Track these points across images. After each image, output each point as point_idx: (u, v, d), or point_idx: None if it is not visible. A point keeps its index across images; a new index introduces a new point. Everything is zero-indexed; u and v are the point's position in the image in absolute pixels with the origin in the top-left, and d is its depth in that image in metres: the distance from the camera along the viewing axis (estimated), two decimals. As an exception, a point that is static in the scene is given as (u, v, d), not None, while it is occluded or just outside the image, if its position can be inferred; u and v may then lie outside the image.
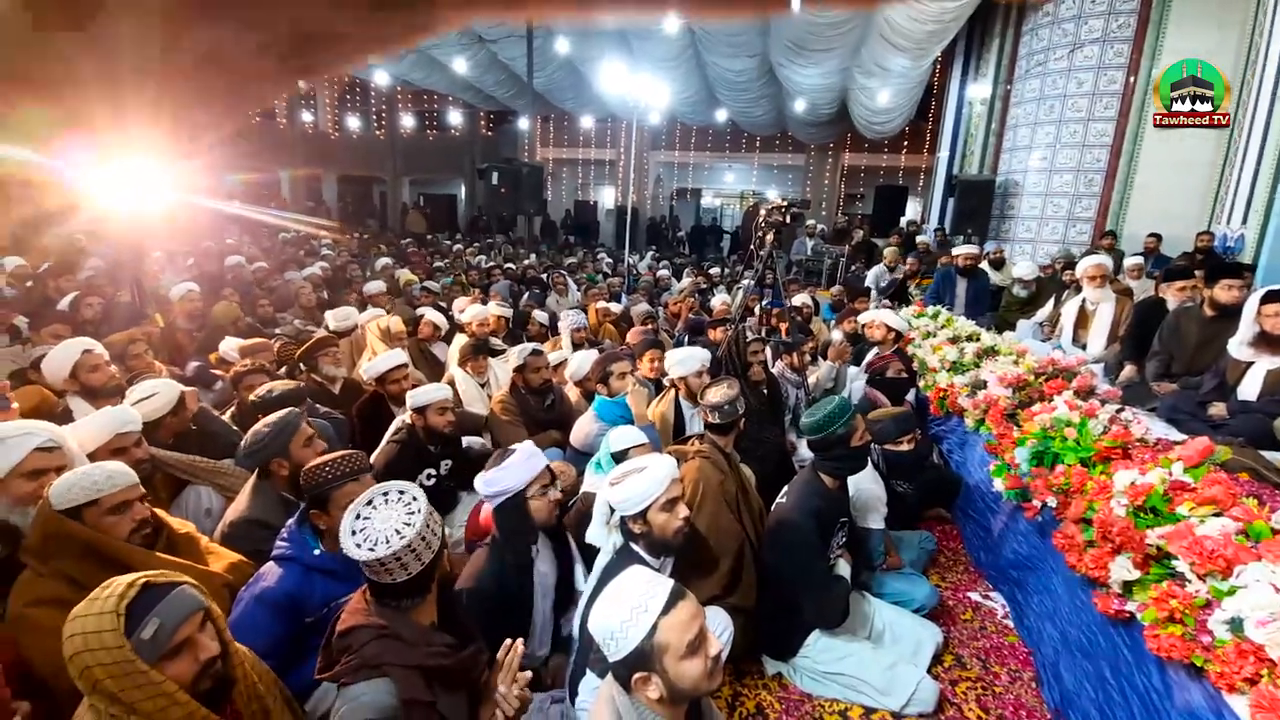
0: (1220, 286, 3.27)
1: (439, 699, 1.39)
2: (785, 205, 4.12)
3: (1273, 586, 1.40)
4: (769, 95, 13.25)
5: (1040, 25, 8.52)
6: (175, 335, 4.35)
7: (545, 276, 8.90)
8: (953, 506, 3.55)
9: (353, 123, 19.85)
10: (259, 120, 17.73)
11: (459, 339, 4.61)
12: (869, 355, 4.55)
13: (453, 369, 4.12)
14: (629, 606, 1.24)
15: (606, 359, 3.26)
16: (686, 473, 2.41)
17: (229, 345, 3.83)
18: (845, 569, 2.36)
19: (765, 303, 4.75)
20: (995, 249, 7.10)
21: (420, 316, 4.98)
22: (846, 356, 4.51)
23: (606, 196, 20.12)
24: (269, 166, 17.86)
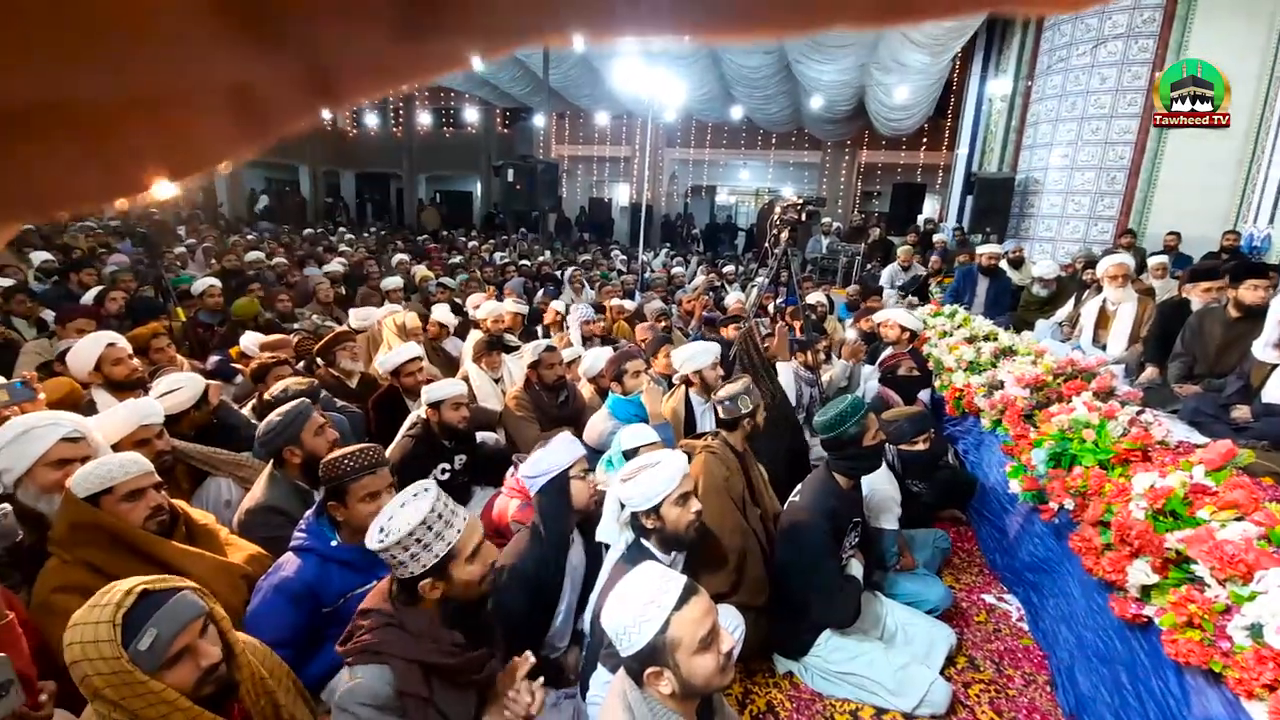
0: (1246, 287, 3.21)
1: (439, 695, 1.40)
2: (801, 203, 4.09)
3: (1295, 593, 1.38)
4: (785, 92, 13.17)
5: (1062, 20, 8.37)
6: (196, 330, 4.42)
7: (560, 273, 8.93)
8: (967, 507, 3.52)
9: (370, 120, 20.00)
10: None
11: (473, 335, 4.64)
12: (882, 354, 4.52)
13: (467, 365, 4.15)
14: (642, 602, 1.24)
15: (620, 357, 3.26)
16: (692, 468, 2.42)
17: (249, 340, 3.89)
18: (858, 569, 2.36)
19: (780, 301, 4.72)
20: (1014, 248, 7.00)
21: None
22: (861, 355, 4.49)
23: (621, 194, 20.10)
24: (288, 162, 18.07)
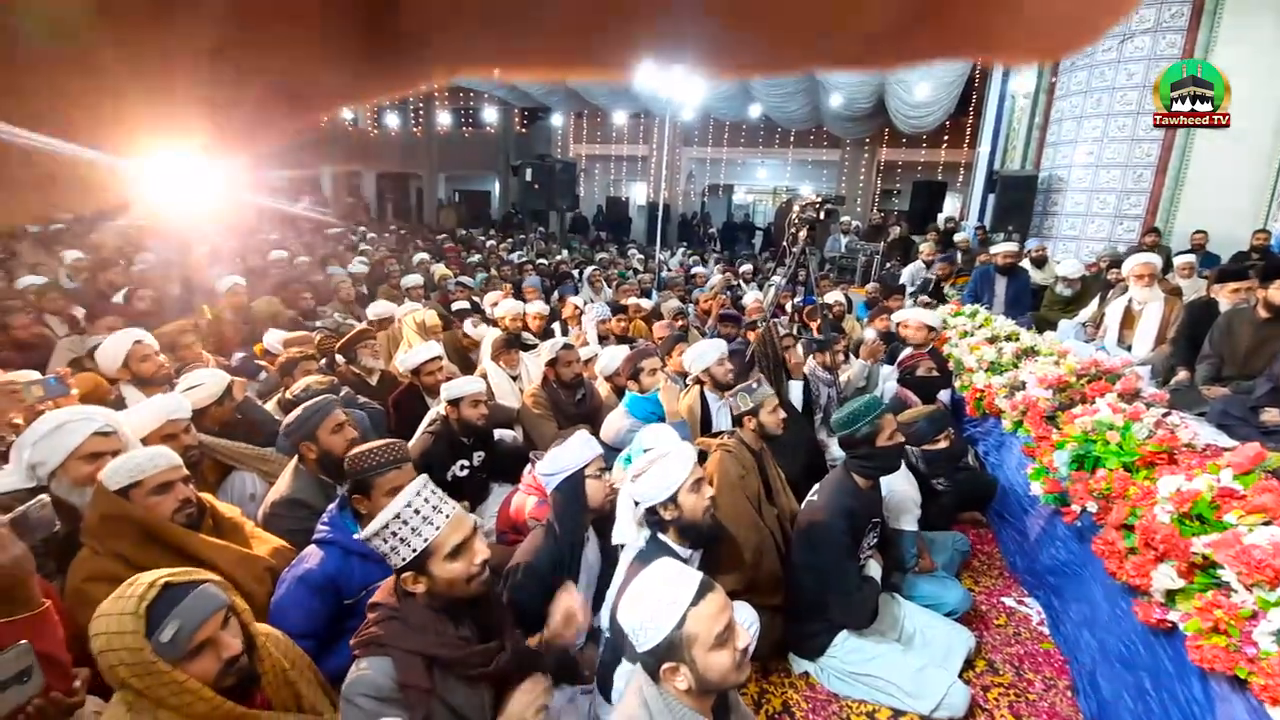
0: (1276, 287, 3.15)
1: (446, 689, 1.41)
2: (819, 201, 4.06)
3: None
4: (804, 90, 13.08)
5: (1089, 16, 8.20)
6: (222, 327, 4.50)
7: (577, 272, 8.96)
8: (987, 509, 3.48)
9: (391, 120, 20.22)
10: (301, 118, 18.17)
11: (491, 333, 4.67)
12: (901, 354, 4.48)
13: (485, 362, 4.18)
14: (658, 598, 1.25)
15: (636, 355, 3.27)
16: (707, 465, 2.43)
17: (273, 337, 3.97)
18: (876, 570, 2.34)
19: (797, 300, 4.70)
20: (1037, 246, 6.89)
21: (456, 312, 5.09)
22: (879, 355, 4.45)
23: (638, 193, 20.10)
24: (310, 162, 18.33)
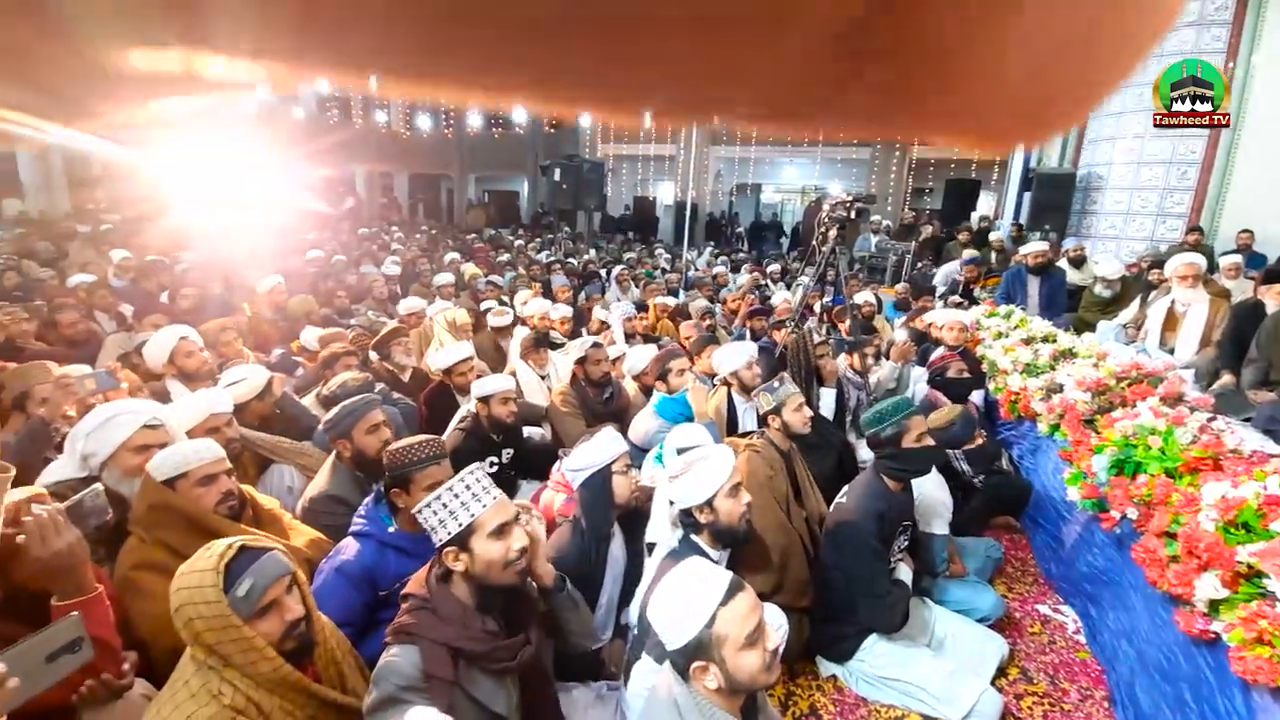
0: (1331, 288, 3.02)
1: (471, 681, 1.44)
2: (850, 200, 4.02)
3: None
4: (834, 87, 12.93)
5: (1132, 8, 7.97)
6: (261, 325, 4.63)
7: (604, 271, 8.99)
8: (1022, 515, 3.41)
9: (423, 122, 20.54)
10: (336, 120, 18.59)
11: (520, 331, 4.73)
12: (932, 355, 4.40)
13: (515, 361, 4.23)
14: (688, 596, 1.26)
15: (664, 356, 3.28)
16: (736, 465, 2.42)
17: (309, 335, 4.07)
18: (906, 574, 2.32)
19: (826, 300, 4.65)
20: (1075, 246, 6.70)
21: (485, 311, 5.18)
22: (910, 356, 4.38)
23: (665, 192, 20.09)
24: (345, 164, 18.73)
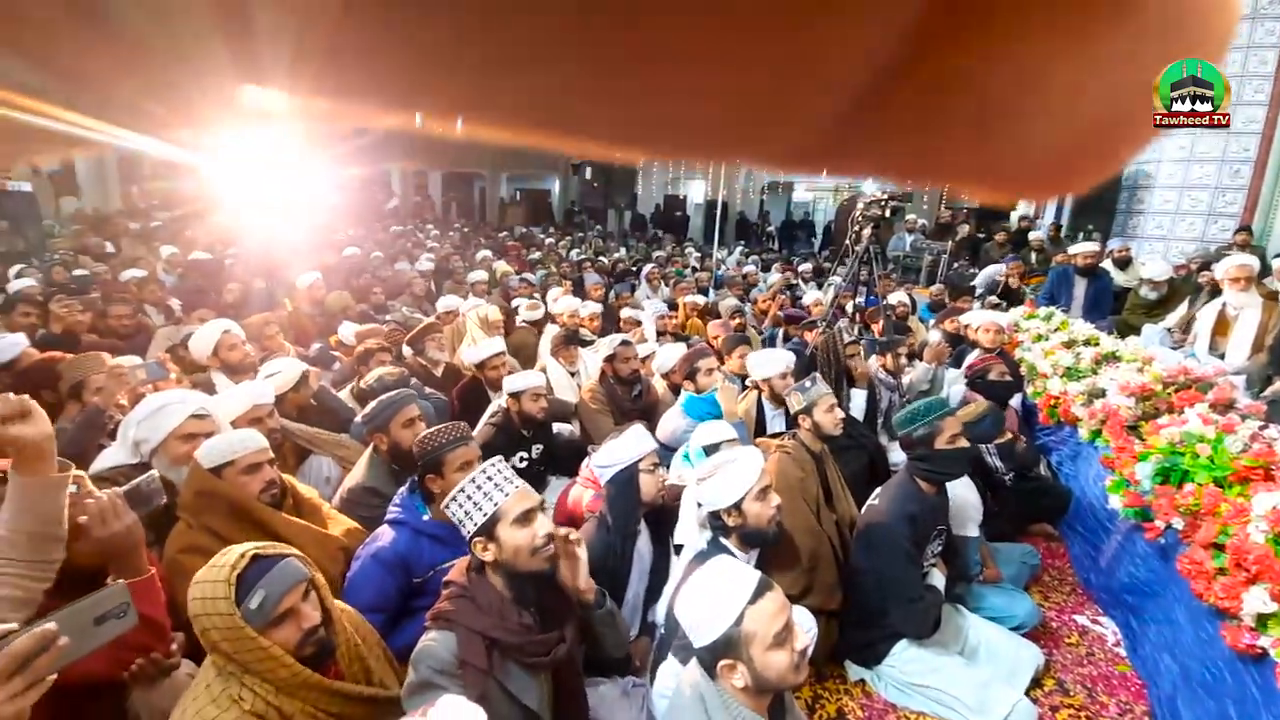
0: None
1: (504, 672, 1.45)
2: (885, 198, 3.96)
3: None
4: (870, 84, 12.72)
5: (1183, -1, 7.66)
6: (301, 319, 4.76)
7: (635, 270, 9.02)
8: (1059, 522, 3.32)
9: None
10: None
11: (550, 329, 4.78)
12: (969, 357, 4.31)
13: (545, 358, 4.27)
14: (716, 594, 1.26)
15: (693, 355, 3.27)
16: (765, 468, 2.40)
17: (346, 330, 4.17)
18: (939, 579, 2.27)
19: (859, 300, 4.59)
20: (1120, 246, 6.47)
21: (517, 308, 5.25)
22: (945, 358, 4.29)
23: (696, 191, 20.03)
24: (381, 163, 19.10)
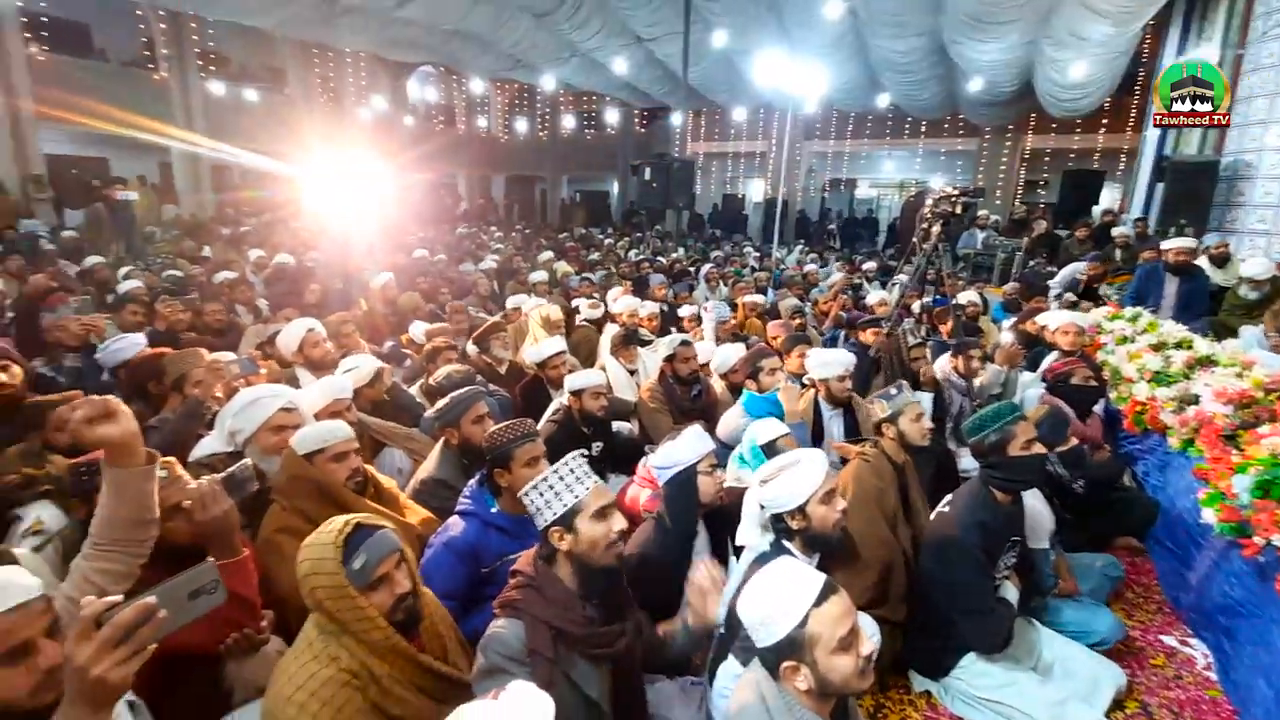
0: None
1: (568, 662, 1.49)
2: (956, 193, 3.81)
3: None
4: (938, 75, 12.25)
5: (1288, -24, 7.03)
6: (374, 318, 5.00)
7: (694, 270, 9.01)
8: (1146, 536, 3.13)
9: (520, 126, 21.36)
10: (441, 127, 19.66)
11: (610, 328, 4.84)
12: (1046, 359, 4.10)
13: (605, 356, 4.34)
14: (781, 594, 1.26)
15: (755, 354, 3.25)
16: (842, 474, 2.36)
17: (417, 328, 4.36)
18: (1012, 593, 2.18)
19: (927, 300, 4.45)
20: (1218, 243, 6.00)
21: (577, 308, 5.35)
22: (1018, 360, 4.09)
23: (755, 189, 19.83)
24: (448, 168, 19.79)
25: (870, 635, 1.93)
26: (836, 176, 19.40)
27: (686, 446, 2.08)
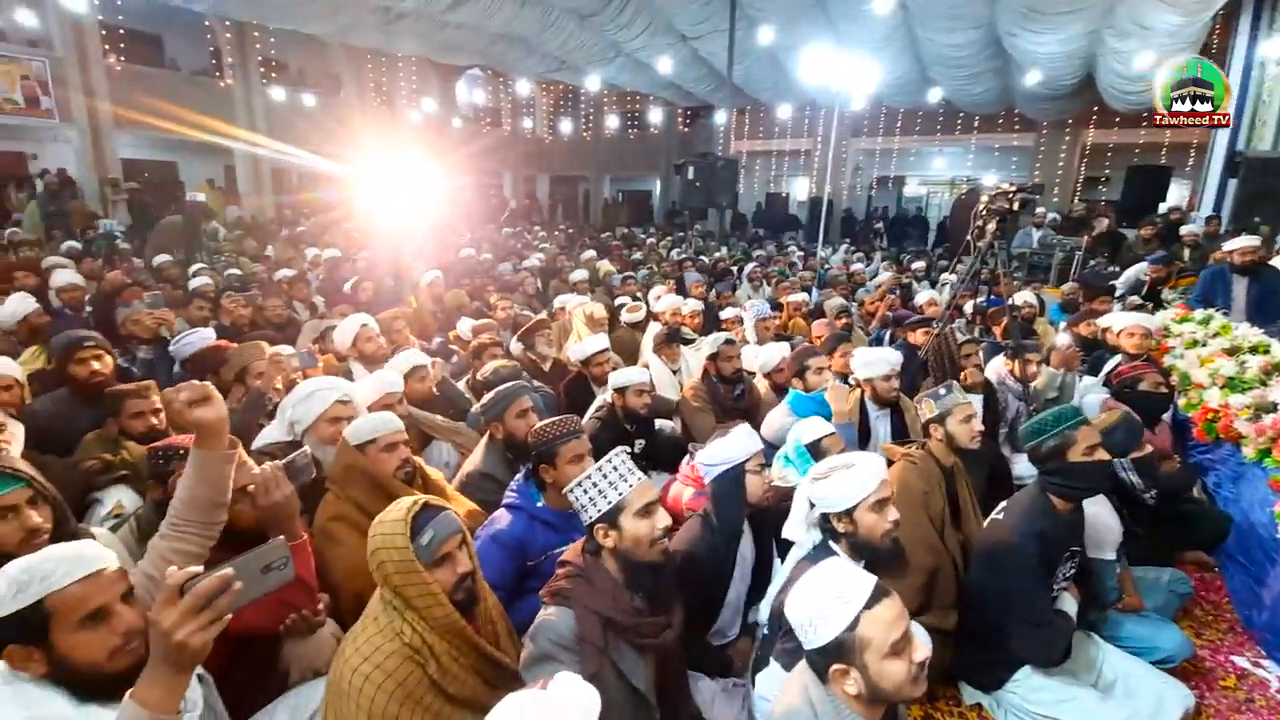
0: None
1: (616, 651, 1.52)
2: (1013, 190, 3.67)
3: None
4: (993, 69, 11.83)
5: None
6: (423, 315, 5.13)
7: (736, 269, 8.95)
8: (1216, 550, 2.97)
9: (564, 127, 21.57)
10: (488, 128, 20.01)
11: (653, 327, 4.85)
12: (1109, 363, 3.93)
13: (647, 355, 4.35)
14: (830, 595, 1.23)
15: (802, 353, 3.21)
16: (888, 476, 2.31)
17: (464, 325, 4.46)
18: (1070, 605, 2.09)
19: (980, 300, 4.31)
20: (1298, 242, 5.66)
21: (619, 306, 5.38)
22: (1075, 364, 3.92)
23: (799, 188, 19.54)
24: (494, 169, 20.13)
25: (923, 642, 1.89)
26: (884, 174, 18.95)
27: (736, 444, 2.06)
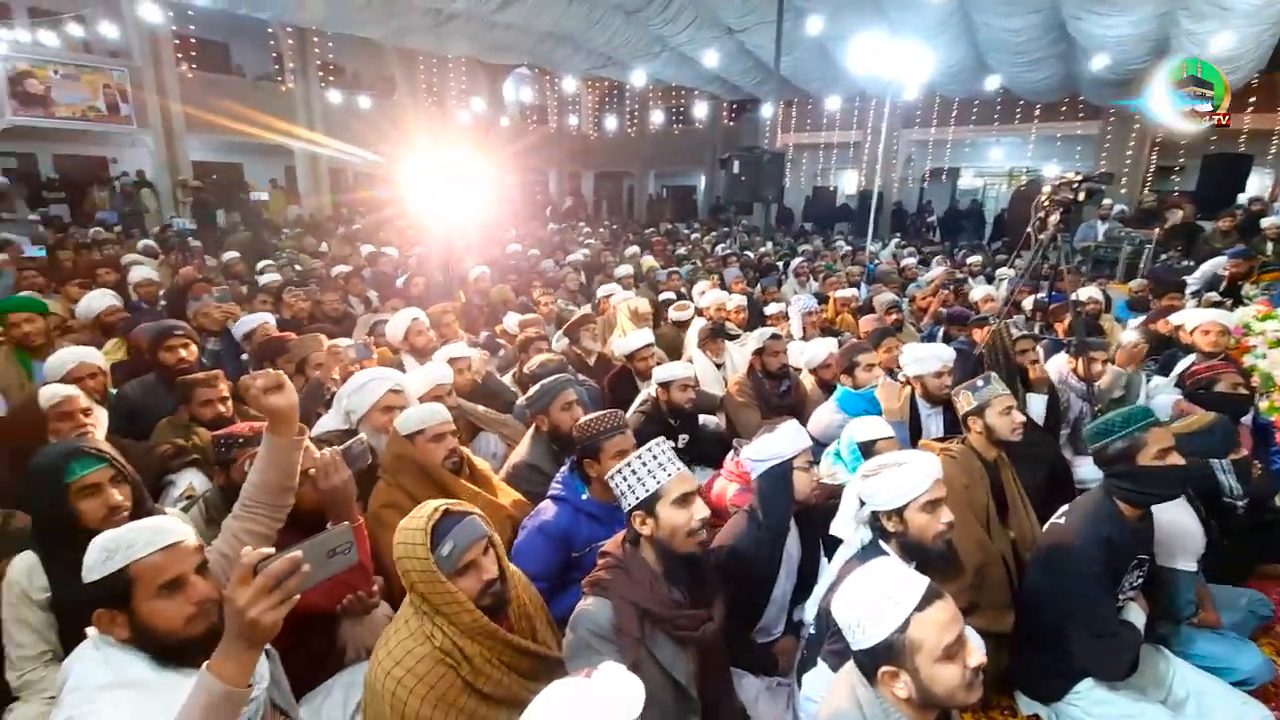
0: None
1: (654, 642, 1.51)
2: (1079, 180, 3.49)
3: None
4: (1055, 55, 11.29)
5: None
6: (471, 309, 5.24)
7: (781, 264, 8.83)
8: (1302, 565, 2.77)
9: (609, 123, 21.65)
10: (534, 125, 20.25)
11: (697, 322, 4.83)
12: (1182, 362, 3.70)
13: (692, 350, 4.33)
14: (880, 596, 1.20)
15: (852, 349, 3.14)
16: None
17: (511, 319, 4.53)
18: (1138, 616, 1.98)
19: (1041, 296, 4.13)
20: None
21: (664, 302, 5.37)
22: (1140, 361, 3.69)
23: (847, 181, 19.10)
24: (540, 166, 20.38)
25: (977, 646, 1.82)
26: (938, 166, 18.34)
27: (784, 440, 2.03)
